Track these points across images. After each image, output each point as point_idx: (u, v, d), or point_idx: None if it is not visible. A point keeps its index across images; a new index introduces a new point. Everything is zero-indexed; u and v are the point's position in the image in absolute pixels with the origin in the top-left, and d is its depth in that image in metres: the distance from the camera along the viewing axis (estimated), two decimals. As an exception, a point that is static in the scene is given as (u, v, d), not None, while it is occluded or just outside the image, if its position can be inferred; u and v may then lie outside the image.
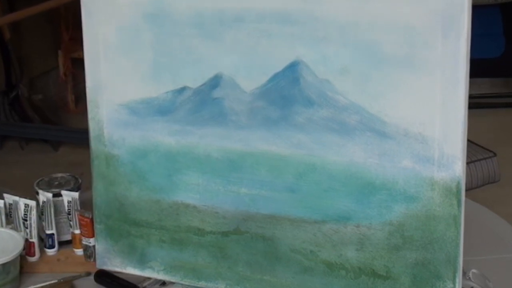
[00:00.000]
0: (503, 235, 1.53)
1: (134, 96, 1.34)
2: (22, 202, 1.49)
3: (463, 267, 1.19)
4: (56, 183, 1.56)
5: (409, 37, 1.14)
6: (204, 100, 1.29)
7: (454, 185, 1.15)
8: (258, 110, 1.26)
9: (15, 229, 1.48)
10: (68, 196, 1.51)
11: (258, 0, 1.21)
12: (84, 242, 1.48)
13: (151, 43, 1.31)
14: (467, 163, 2.65)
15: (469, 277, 1.35)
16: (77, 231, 1.49)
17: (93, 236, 1.45)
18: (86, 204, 1.50)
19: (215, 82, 1.28)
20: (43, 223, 1.50)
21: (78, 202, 1.50)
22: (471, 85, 1.13)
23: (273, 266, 1.30)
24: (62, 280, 1.42)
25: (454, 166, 1.15)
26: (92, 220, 1.44)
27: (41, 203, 1.50)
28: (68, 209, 1.50)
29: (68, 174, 1.60)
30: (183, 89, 1.30)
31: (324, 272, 1.27)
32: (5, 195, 1.51)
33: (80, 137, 3.39)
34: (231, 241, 1.32)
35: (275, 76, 1.24)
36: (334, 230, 1.25)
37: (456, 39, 1.11)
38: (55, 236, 1.51)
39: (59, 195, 1.52)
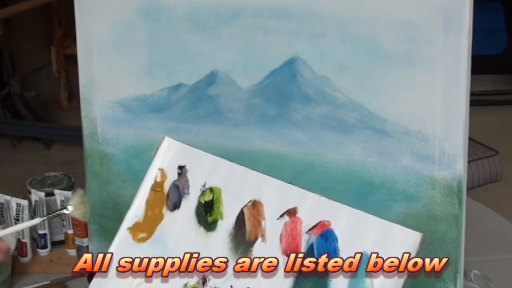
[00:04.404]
0: (506, 235, 1.51)
1: (128, 93, 1.32)
2: (14, 201, 1.47)
3: (464, 268, 1.17)
4: (49, 182, 1.54)
5: (409, 32, 1.12)
6: (200, 98, 1.27)
7: (455, 184, 1.14)
8: (255, 108, 1.24)
9: (7, 229, 1.47)
10: (61, 195, 1.49)
11: (255, -5, 1.20)
12: (77, 242, 1.46)
13: (145, 39, 1.29)
14: (469, 162, 2.64)
15: (471, 278, 1.33)
16: (70, 231, 1.48)
17: (86, 236, 1.43)
18: (79, 204, 1.48)
19: (211, 79, 1.26)
20: (36, 223, 1.48)
21: (71, 202, 1.48)
22: (473, 82, 1.11)
23: (271, 266, 1.28)
24: (54, 281, 1.40)
25: (455, 164, 1.13)
26: (85, 219, 1.42)
27: (33, 203, 1.48)
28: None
29: (61, 172, 1.58)
30: (178, 86, 1.29)
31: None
32: (-4, 194, 1.49)
33: (73, 135, 3.37)
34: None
35: (273, 73, 1.22)
36: (333, 230, 1.23)
37: (457, 34, 1.09)
38: (48, 236, 1.50)
39: (52, 194, 1.50)
